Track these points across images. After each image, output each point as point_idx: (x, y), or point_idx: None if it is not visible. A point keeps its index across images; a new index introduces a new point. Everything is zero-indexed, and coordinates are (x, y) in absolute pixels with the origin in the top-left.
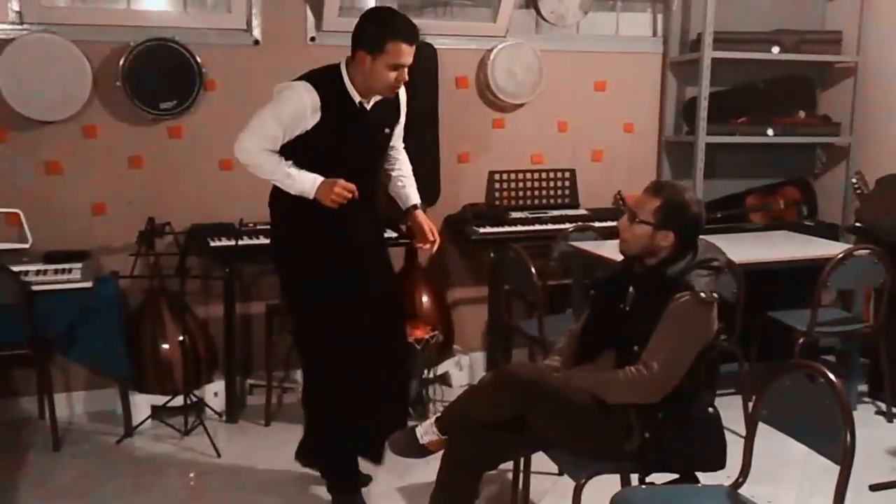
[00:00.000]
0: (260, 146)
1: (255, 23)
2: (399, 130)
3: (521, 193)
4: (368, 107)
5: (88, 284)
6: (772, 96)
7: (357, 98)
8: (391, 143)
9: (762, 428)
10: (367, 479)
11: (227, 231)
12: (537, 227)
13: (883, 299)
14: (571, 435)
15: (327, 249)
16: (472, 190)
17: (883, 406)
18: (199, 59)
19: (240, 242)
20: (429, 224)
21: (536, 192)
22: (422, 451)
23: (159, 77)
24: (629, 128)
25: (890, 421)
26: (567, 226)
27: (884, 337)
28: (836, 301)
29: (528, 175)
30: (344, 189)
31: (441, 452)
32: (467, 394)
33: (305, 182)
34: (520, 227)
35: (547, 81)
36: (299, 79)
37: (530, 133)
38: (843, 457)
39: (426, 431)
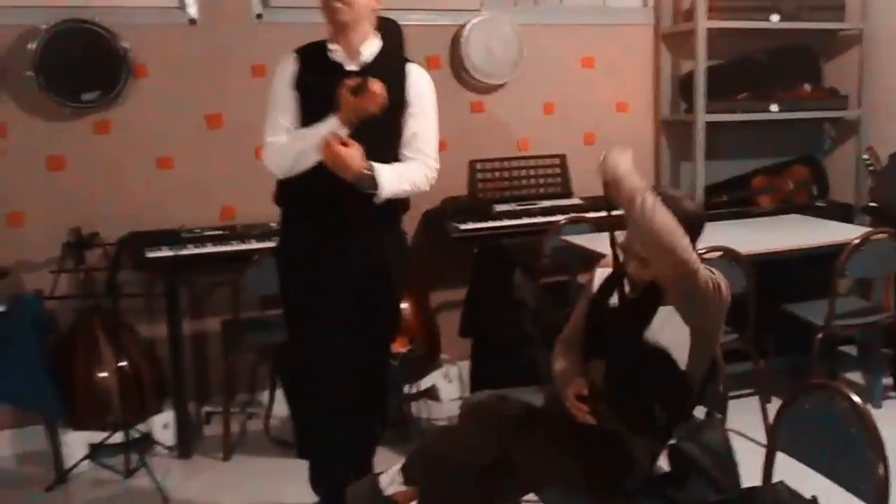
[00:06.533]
0: (280, 134)
1: None
2: (410, 122)
3: (506, 184)
4: (351, 65)
5: (1, 308)
6: (774, 69)
7: (337, 51)
8: (396, 135)
9: None
10: None
11: (168, 239)
12: (525, 220)
13: None
14: (564, 475)
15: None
16: (452, 182)
17: None
18: (125, 43)
19: (182, 251)
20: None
21: (524, 182)
22: None
23: (78, 64)
24: (623, 107)
25: None
26: (559, 218)
27: None
28: (855, 287)
29: (514, 163)
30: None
31: None
32: (438, 436)
33: (322, 125)
34: (506, 222)
35: (528, 59)
36: None
37: (514, 116)
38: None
39: (392, 480)
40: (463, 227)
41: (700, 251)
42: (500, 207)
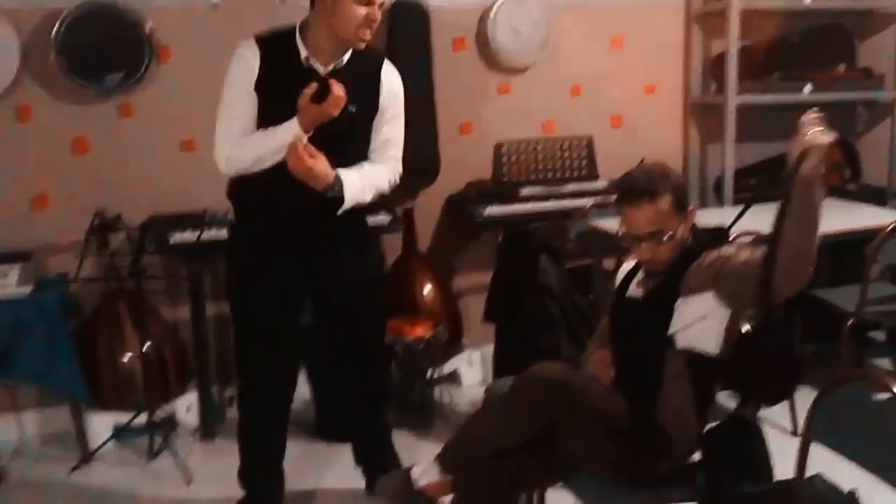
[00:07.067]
0: (234, 142)
1: None
2: (383, 128)
3: (532, 166)
4: (323, 70)
5: (27, 291)
6: (807, 49)
7: (304, 53)
8: (366, 140)
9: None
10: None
11: (191, 222)
12: (551, 203)
13: None
14: (601, 448)
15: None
16: (477, 165)
17: None
18: (147, 25)
19: (203, 236)
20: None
21: (549, 165)
22: (419, 498)
23: (101, 47)
24: (651, 89)
25: None
26: (585, 201)
27: None
28: (885, 273)
29: (540, 145)
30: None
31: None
32: (474, 420)
33: (280, 130)
34: (531, 205)
35: (556, 40)
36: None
37: (540, 98)
38: None
39: (425, 471)
40: (487, 210)
41: (731, 235)
42: (525, 191)
